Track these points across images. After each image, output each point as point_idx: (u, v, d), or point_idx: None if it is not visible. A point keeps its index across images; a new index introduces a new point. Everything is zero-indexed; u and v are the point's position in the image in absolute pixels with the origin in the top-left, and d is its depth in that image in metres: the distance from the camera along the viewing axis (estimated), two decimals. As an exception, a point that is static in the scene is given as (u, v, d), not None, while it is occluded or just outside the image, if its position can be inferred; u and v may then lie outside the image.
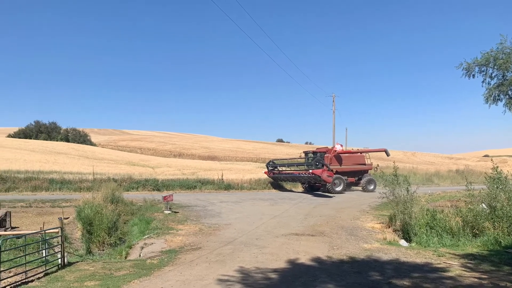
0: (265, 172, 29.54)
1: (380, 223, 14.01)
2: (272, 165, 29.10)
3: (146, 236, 12.17)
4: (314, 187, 28.00)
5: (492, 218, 10.37)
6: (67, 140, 69.99)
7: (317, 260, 8.69)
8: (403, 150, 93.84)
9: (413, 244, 10.70)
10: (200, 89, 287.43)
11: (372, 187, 27.88)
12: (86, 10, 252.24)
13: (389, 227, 13.05)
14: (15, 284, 7.14)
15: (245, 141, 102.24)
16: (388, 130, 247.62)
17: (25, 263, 8.03)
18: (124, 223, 14.97)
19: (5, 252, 8.79)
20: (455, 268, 7.69)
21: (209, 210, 17.30)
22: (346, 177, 27.41)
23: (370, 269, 7.86)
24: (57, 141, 66.46)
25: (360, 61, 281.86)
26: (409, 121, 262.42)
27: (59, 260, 8.70)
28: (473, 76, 18.32)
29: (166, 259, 9.01)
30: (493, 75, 17.89)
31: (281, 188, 29.12)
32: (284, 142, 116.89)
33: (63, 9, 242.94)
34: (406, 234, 11.62)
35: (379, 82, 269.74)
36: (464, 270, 7.53)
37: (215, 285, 6.82)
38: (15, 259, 8.45)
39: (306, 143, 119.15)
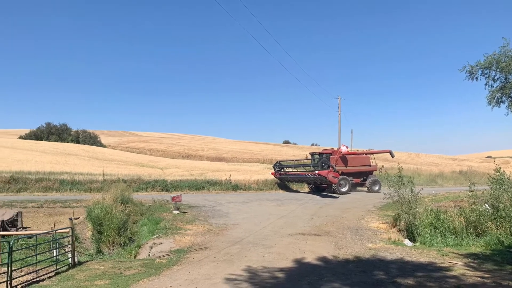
0: (272, 173, 29.64)
1: (385, 223, 14.06)
2: (279, 166, 29.23)
3: (155, 236, 12.35)
4: (320, 188, 28.05)
5: (495, 218, 10.41)
6: (78, 142, 70.88)
7: (323, 259, 8.78)
8: (407, 152, 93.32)
9: (417, 244, 10.76)
10: (208, 91, 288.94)
11: (377, 187, 27.88)
12: (90, 12, 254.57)
13: (394, 227, 13.10)
14: (26, 283, 7.24)
15: (252, 143, 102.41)
16: (392, 131, 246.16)
17: (36, 263, 8.15)
18: (134, 223, 15.13)
19: (17, 251, 9.00)
20: (459, 267, 7.75)
21: (217, 210, 17.46)
22: (352, 178, 27.44)
23: (375, 268, 7.94)
24: (67, 142, 67.25)
25: (365, 63, 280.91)
26: (413, 123, 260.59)
27: (70, 259, 8.81)
28: (476, 79, 18.36)
29: (174, 259, 9.14)
30: (496, 77, 17.93)
31: (287, 189, 29.21)
32: (290, 143, 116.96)
33: (67, 11, 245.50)
34: (411, 234, 11.68)
35: (384, 85, 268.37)
36: (467, 269, 7.59)
37: (223, 284, 6.91)
38: (26, 259, 8.62)
39: (312, 144, 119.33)
